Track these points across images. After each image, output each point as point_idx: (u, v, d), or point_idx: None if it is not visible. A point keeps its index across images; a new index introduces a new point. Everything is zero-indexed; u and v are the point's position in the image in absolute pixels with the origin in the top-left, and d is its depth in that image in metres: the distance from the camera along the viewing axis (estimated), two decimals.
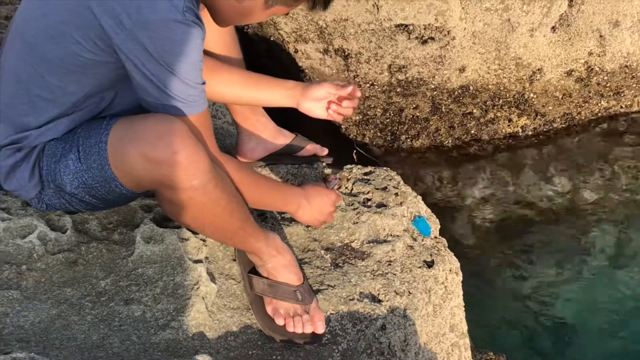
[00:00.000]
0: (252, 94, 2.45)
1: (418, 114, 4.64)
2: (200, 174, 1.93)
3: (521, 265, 4.03)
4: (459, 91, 4.61)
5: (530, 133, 4.78)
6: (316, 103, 2.42)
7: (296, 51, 4.53)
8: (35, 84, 2.06)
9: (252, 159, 2.65)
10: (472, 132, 4.71)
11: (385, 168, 2.76)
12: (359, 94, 2.40)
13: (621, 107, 4.88)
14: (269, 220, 2.43)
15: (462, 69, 4.55)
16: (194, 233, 2.28)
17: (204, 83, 2.01)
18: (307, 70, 4.55)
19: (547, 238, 4.20)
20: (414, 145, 4.69)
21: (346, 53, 4.46)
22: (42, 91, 2.06)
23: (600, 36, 4.67)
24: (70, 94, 2.05)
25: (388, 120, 4.64)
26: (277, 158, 2.69)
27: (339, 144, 4.50)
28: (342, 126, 4.67)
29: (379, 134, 4.68)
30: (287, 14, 2.23)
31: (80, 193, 2.09)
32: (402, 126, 4.66)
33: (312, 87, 2.42)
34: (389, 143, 4.69)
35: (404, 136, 4.67)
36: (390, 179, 2.69)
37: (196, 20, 1.93)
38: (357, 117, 4.62)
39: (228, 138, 2.92)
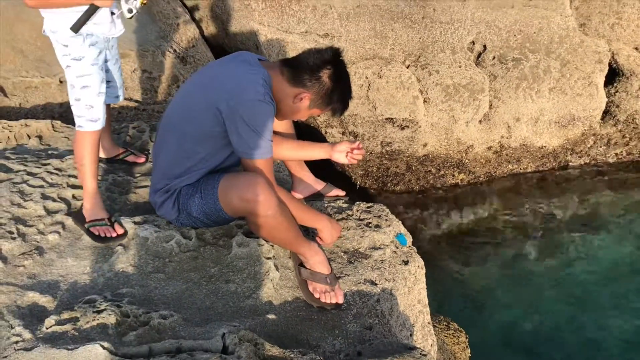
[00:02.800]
0: (302, 153, 2.39)
1: (398, 171, 4.56)
2: (272, 208, 1.93)
3: (463, 262, 3.96)
4: (423, 158, 4.53)
5: (465, 183, 4.67)
6: (340, 154, 2.33)
7: (326, 132, 4.49)
8: (178, 149, 2.07)
9: (300, 197, 2.58)
10: (431, 182, 4.62)
11: (380, 204, 2.68)
12: (362, 146, 2.35)
13: (520, 168, 4.77)
14: (310, 234, 2.38)
15: (425, 145, 4.49)
16: (267, 241, 2.25)
17: (272, 140, 1.99)
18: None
19: (479, 245, 4.12)
20: (395, 190, 4.60)
21: (356, 134, 4.41)
22: (182, 153, 2.07)
23: (508, 127, 4.60)
24: (198, 153, 2.05)
25: (380, 174, 4.57)
26: (315, 197, 2.62)
27: (350, 188, 4.46)
28: (354, 177, 4.60)
29: (374, 182, 4.60)
30: (319, 115, 2.24)
31: (201, 217, 2.11)
32: (388, 178, 4.57)
33: (336, 145, 2.35)
34: (380, 188, 4.61)
35: (389, 184, 4.58)
36: (382, 210, 2.62)
37: (271, 101, 1.95)
38: (362, 172, 4.53)
39: (285, 185, 2.88)
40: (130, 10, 2.14)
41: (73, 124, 2.29)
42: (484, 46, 4.53)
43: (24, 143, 2.75)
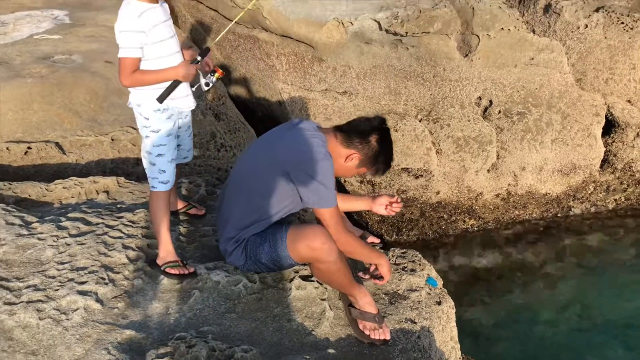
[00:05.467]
0: (347, 205, 2.64)
1: (412, 217, 4.76)
2: (334, 255, 2.19)
3: (487, 302, 4.11)
4: (436, 204, 4.75)
5: (475, 229, 4.88)
6: (380, 206, 2.59)
7: (345, 181, 4.73)
8: (247, 203, 2.32)
9: None
10: (443, 227, 4.81)
11: (413, 249, 2.84)
12: (399, 200, 2.59)
13: (526, 214, 5.00)
14: (356, 279, 2.53)
15: (437, 192, 4.72)
16: (320, 284, 2.47)
17: (334, 190, 2.25)
18: (350, 192, 4.65)
19: (497, 285, 4.29)
20: (409, 234, 4.76)
21: (373, 183, 4.66)
22: (250, 206, 2.32)
23: (515, 175, 4.85)
24: (263, 206, 2.30)
25: (395, 220, 4.75)
26: None
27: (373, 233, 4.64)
28: (369, 224, 4.81)
29: (390, 228, 4.78)
30: (365, 173, 2.45)
31: (268, 263, 2.34)
32: (403, 224, 4.76)
33: (377, 198, 2.59)
34: (396, 233, 4.76)
35: (404, 229, 4.76)
36: (416, 255, 2.82)
37: (330, 157, 2.22)
38: (378, 219, 4.72)
39: None
40: (207, 84, 2.50)
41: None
42: (490, 101, 4.85)
43: (94, 198, 3.06)
